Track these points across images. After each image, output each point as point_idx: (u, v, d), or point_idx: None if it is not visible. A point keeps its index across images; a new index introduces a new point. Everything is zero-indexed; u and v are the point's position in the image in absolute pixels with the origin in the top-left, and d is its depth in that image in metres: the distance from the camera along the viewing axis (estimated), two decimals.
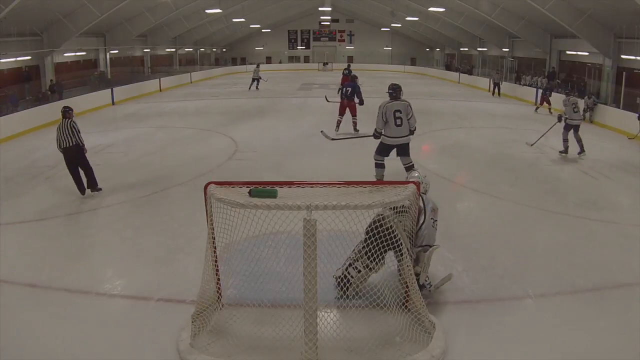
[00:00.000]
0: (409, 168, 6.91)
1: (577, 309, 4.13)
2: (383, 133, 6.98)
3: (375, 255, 3.89)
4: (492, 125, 13.31)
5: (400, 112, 6.83)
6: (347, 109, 11.20)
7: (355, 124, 11.37)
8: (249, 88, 22.10)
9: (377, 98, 9.48)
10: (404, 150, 7.03)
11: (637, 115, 11.48)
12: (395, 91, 6.91)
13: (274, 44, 41.40)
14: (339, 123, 11.32)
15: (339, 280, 4.19)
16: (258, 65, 24.44)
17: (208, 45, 35.40)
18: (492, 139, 11.31)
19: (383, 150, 7.11)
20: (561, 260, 5.01)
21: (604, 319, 3.97)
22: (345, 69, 18.66)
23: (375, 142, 7.22)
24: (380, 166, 7.21)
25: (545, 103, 16.08)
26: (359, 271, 4.09)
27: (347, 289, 4.14)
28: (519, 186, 7.66)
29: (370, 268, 4.06)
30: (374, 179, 7.09)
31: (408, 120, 6.87)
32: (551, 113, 15.79)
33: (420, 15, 27.36)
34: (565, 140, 9.54)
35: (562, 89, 18.86)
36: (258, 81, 22.31)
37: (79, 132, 6.79)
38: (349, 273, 4.13)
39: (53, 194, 7.20)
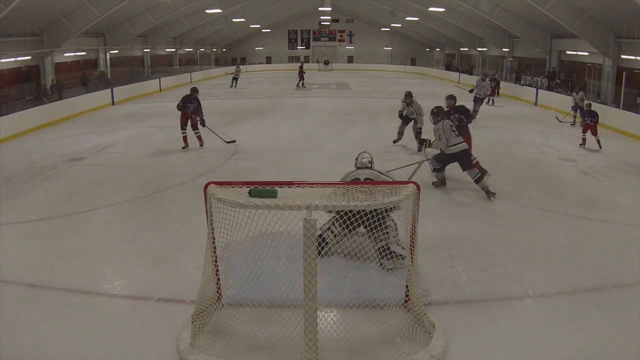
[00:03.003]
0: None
1: (577, 309, 4.13)
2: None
3: (344, 228, 4.29)
4: (492, 125, 13.31)
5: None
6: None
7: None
8: (231, 86, 23.12)
9: (377, 98, 9.50)
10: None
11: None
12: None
13: (274, 44, 41.41)
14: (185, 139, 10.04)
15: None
16: (238, 66, 25.69)
17: (208, 45, 35.40)
18: (492, 139, 11.31)
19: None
20: (561, 260, 5.01)
21: (604, 319, 3.97)
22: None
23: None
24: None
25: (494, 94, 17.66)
26: (335, 235, 4.69)
27: (323, 248, 4.63)
28: (519, 186, 7.65)
29: (343, 235, 4.62)
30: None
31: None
32: (492, 103, 17.30)
33: (420, 15, 27.36)
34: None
35: (562, 89, 18.92)
36: (237, 80, 23.42)
37: None
38: (327, 236, 4.71)
39: (53, 194, 7.20)
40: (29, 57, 16.87)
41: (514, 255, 5.10)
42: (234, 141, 10.30)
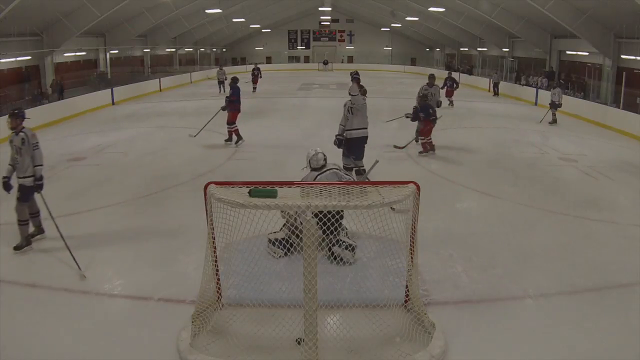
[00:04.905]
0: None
1: (577, 309, 4.14)
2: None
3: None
4: (492, 125, 13.32)
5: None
6: None
7: None
8: (220, 92, 20.36)
9: (377, 98, 9.51)
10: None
11: None
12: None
13: (274, 44, 41.40)
14: None
15: (279, 241, 4.75)
16: (221, 67, 23.35)
17: (208, 45, 35.38)
18: (492, 139, 11.31)
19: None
20: (561, 260, 5.01)
21: (604, 319, 3.97)
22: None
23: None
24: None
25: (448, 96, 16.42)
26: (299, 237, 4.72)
27: (288, 250, 4.62)
28: (519, 186, 7.66)
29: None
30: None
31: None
32: (449, 104, 16.07)
33: (420, 15, 27.35)
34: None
35: (561, 88, 18.91)
36: (224, 84, 20.59)
37: None
38: (289, 238, 4.66)
39: (53, 194, 7.17)
40: (29, 57, 16.87)
41: (514, 255, 5.10)
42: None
